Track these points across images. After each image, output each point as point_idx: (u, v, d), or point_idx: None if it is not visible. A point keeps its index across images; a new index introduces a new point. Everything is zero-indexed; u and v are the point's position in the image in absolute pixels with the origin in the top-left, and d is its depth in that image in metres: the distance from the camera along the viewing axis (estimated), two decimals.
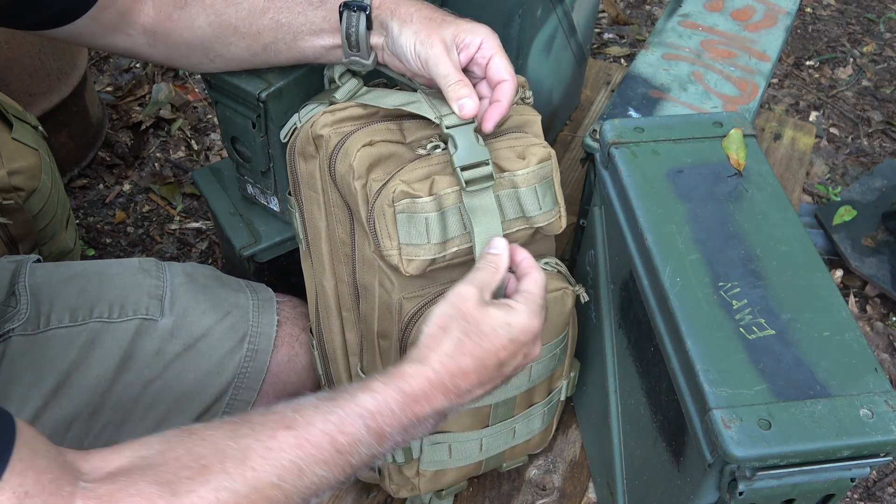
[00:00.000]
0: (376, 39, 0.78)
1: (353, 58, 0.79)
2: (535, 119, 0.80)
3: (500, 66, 0.74)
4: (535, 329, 0.65)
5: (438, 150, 0.74)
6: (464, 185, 0.71)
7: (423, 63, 0.74)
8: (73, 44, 0.83)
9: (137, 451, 0.53)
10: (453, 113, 0.73)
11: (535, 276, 0.69)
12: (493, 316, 0.64)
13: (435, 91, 0.76)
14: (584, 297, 0.83)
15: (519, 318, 0.64)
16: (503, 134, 0.78)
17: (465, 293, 0.65)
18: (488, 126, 0.74)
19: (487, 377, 0.64)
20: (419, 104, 0.75)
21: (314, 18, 0.79)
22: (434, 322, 0.64)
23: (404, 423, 0.60)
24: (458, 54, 0.74)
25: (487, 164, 0.72)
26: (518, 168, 0.75)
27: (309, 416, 0.57)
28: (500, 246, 0.69)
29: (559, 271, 0.83)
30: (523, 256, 0.71)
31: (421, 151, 0.73)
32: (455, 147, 0.71)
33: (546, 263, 0.82)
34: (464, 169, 0.71)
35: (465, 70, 0.75)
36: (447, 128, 0.72)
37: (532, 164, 0.75)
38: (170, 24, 0.81)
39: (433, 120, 0.73)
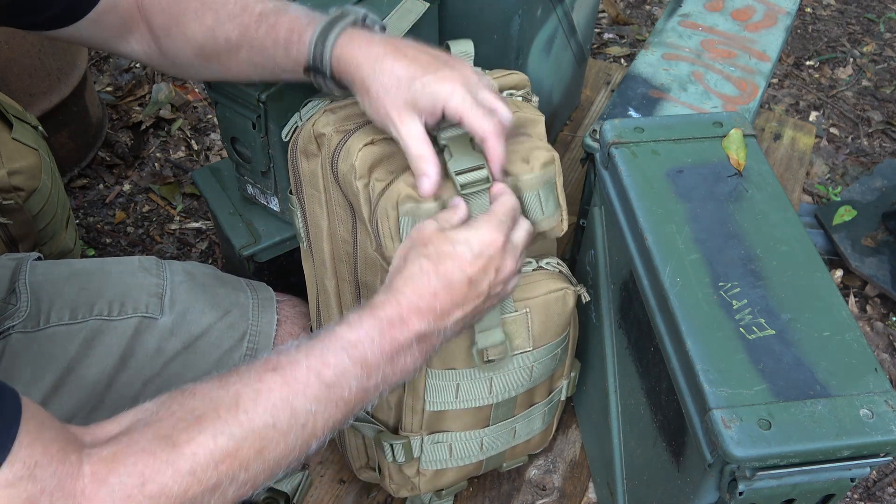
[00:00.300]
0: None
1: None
2: (539, 119, 0.80)
3: (473, 126, 0.68)
4: (497, 242, 0.65)
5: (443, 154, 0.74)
6: (459, 188, 0.71)
7: (393, 136, 0.70)
8: (78, 45, 0.84)
9: (134, 415, 0.55)
10: (449, 126, 0.71)
11: (502, 199, 0.69)
12: (452, 236, 0.64)
13: None
14: (586, 297, 0.83)
15: (478, 233, 0.65)
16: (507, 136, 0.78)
17: (421, 226, 0.66)
18: (498, 174, 0.71)
19: (462, 296, 0.64)
20: None
21: (286, 64, 0.76)
22: (398, 254, 0.66)
23: (387, 349, 0.60)
24: (424, 118, 0.69)
25: (483, 168, 0.71)
26: (522, 172, 0.74)
27: (292, 355, 0.58)
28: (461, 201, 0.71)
29: (560, 271, 0.83)
30: (499, 186, 0.71)
31: None
32: (451, 155, 0.71)
33: (547, 263, 0.82)
34: (459, 173, 0.71)
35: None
36: (443, 139, 0.72)
37: (536, 168, 0.74)
38: (159, 44, 0.81)
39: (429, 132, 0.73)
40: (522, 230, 0.70)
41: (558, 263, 0.83)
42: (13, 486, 0.47)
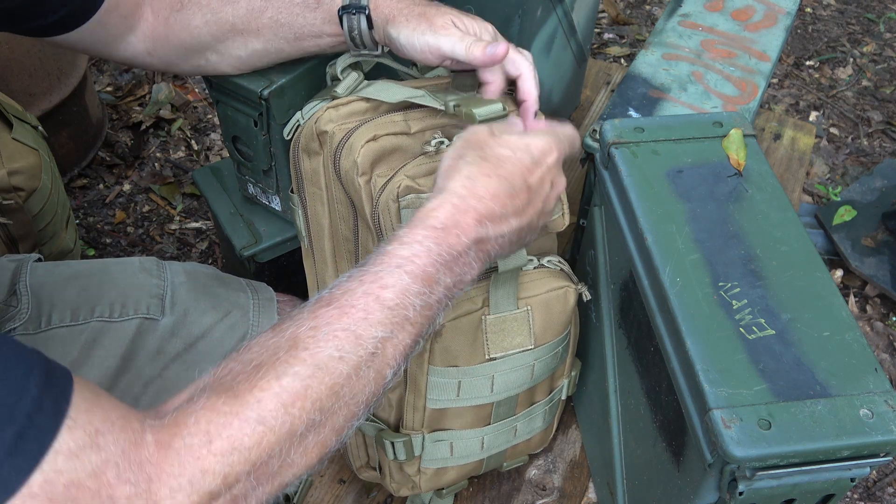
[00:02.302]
0: (379, 37, 0.78)
1: (361, 52, 0.80)
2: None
3: (513, 58, 0.76)
4: (555, 153, 0.63)
5: (444, 146, 0.74)
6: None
7: (432, 50, 0.73)
8: (77, 51, 0.84)
9: (195, 384, 0.52)
10: (457, 98, 0.73)
11: (561, 126, 0.67)
12: (510, 140, 0.61)
13: (441, 84, 0.76)
14: (587, 296, 0.83)
15: (537, 140, 0.62)
16: None
17: (475, 129, 0.63)
18: (531, 125, 0.76)
19: (521, 202, 0.60)
20: (423, 97, 0.76)
21: (314, 21, 0.79)
22: (448, 156, 0.61)
23: (445, 258, 0.56)
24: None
25: (500, 104, 0.73)
26: None
27: (344, 285, 0.54)
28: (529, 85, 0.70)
29: (562, 269, 0.83)
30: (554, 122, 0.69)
31: (427, 148, 0.74)
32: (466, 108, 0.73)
33: (549, 261, 0.82)
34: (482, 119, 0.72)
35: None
36: (455, 106, 0.72)
37: None
38: (167, 29, 0.82)
39: (439, 108, 0.74)
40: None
41: (559, 262, 0.83)
42: (76, 458, 0.43)
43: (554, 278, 0.81)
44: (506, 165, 0.60)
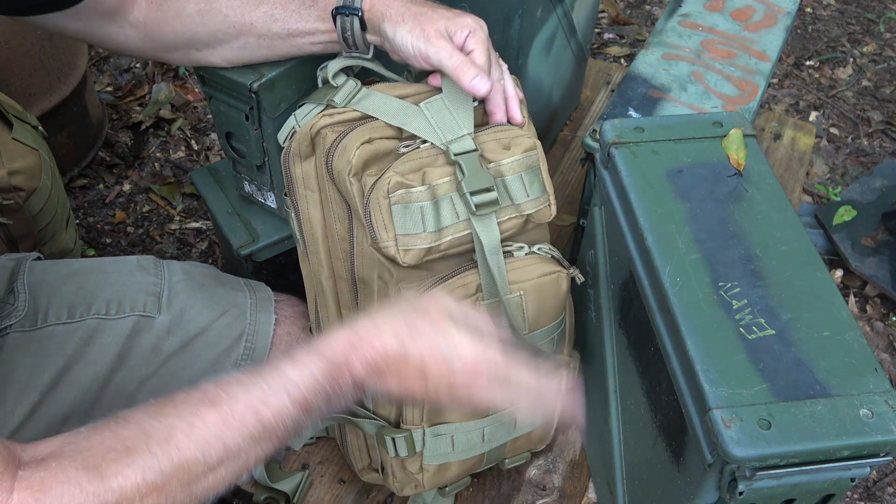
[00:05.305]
0: (373, 38, 0.78)
1: (353, 54, 0.80)
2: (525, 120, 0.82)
3: (482, 63, 0.76)
4: (475, 367, 0.60)
5: (427, 145, 0.75)
6: (473, 209, 0.73)
7: (423, 57, 0.75)
8: (70, 36, 0.83)
9: (67, 437, 0.55)
10: (458, 138, 0.74)
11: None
12: (447, 330, 0.60)
13: (436, 101, 0.77)
14: (580, 278, 0.84)
15: (465, 347, 0.60)
16: (489, 126, 0.79)
17: (443, 297, 0.62)
18: (516, 118, 0.79)
19: (407, 374, 0.60)
20: (425, 126, 0.76)
21: (309, 18, 0.79)
22: (400, 295, 0.63)
23: (328, 392, 0.59)
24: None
25: (493, 189, 0.74)
26: (503, 157, 0.76)
27: (233, 390, 0.57)
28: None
29: (552, 256, 0.83)
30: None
31: (403, 150, 0.75)
32: (463, 173, 0.73)
33: (539, 248, 0.82)
34: (472, 194, 0.73)
35: None
36: (455, 155, 0.74)
37: (517, 153, 0.76)
38: (160, 14, 0.82)
39: (439, 147, 0.75)
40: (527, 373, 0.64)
41: (550, 249, 0.83)
42: None
43: (546, 264, 0.81)
44: (417, 340, 0.59)
